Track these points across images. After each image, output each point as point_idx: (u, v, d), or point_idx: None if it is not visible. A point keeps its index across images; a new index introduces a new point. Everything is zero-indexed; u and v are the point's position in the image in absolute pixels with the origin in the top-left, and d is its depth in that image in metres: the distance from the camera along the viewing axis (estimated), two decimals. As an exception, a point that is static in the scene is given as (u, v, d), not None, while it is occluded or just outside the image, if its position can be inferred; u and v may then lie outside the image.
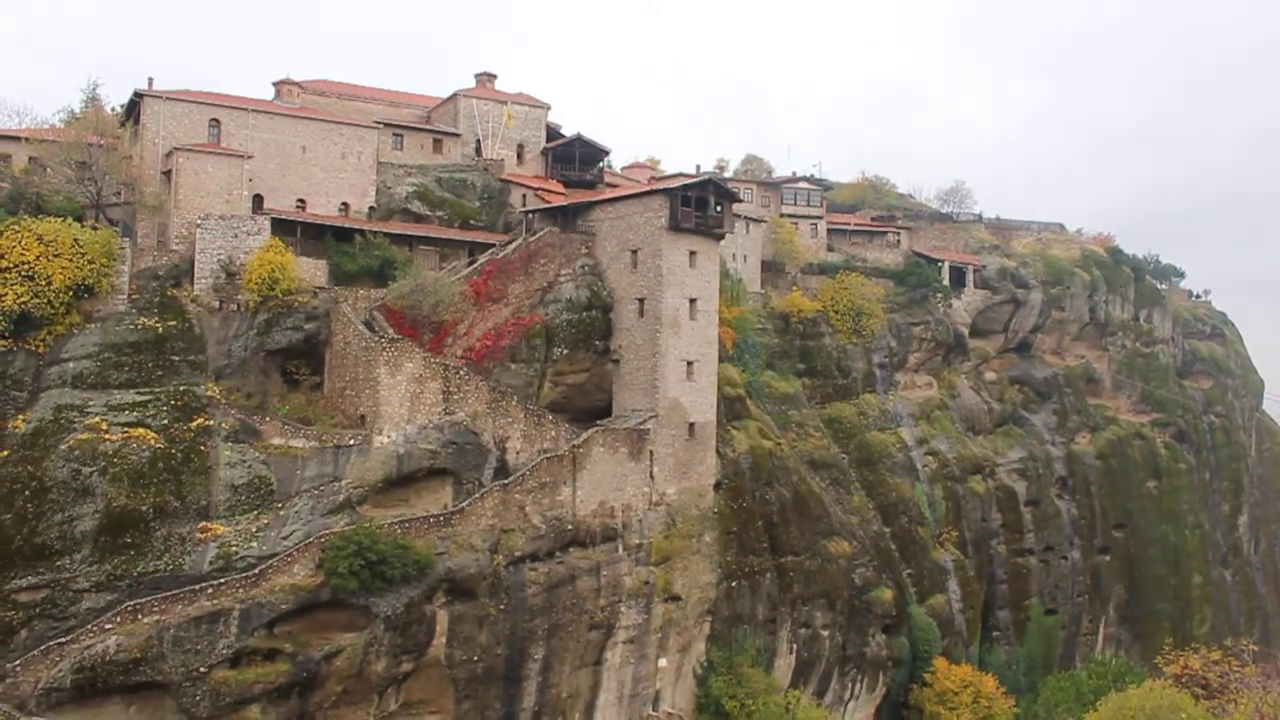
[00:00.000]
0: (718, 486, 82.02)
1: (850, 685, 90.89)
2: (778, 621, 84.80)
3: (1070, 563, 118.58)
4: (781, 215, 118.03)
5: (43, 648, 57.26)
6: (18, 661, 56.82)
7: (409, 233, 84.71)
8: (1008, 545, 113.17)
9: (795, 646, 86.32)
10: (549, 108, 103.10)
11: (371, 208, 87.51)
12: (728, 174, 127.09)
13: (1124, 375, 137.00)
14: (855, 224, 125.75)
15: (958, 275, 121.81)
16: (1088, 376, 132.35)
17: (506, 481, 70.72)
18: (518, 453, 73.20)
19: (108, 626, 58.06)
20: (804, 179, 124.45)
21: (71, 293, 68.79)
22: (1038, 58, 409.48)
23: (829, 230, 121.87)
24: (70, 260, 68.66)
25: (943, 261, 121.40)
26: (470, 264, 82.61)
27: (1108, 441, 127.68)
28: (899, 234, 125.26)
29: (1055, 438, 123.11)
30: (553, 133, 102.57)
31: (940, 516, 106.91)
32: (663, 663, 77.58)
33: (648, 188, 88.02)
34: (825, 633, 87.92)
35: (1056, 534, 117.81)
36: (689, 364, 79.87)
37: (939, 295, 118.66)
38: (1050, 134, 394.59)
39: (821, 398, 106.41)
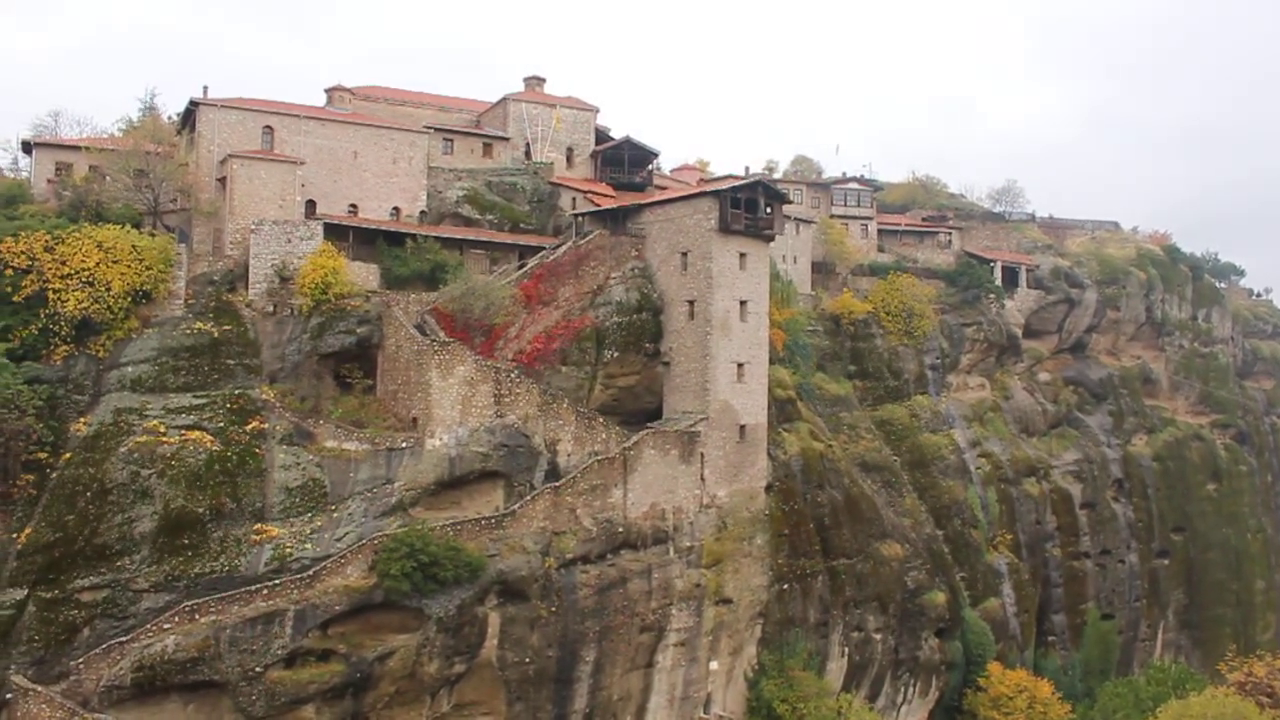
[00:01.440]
0: (769, 489, 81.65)
1: (903, 689, 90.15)
2: (829, 625, 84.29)
3: (1127, 566, 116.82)
4: (831, 216, 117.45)
5: (104, 646, 58.38)
6: (81, 659, 58.03)
7: (459, 236, 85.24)
8: (1063, 548, 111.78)
9: (847, 650, 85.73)
10: (598, 111, 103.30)
11: (422, 212, 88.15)
12: (777, 175, 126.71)
13: (1182, 375, 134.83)
14: (906, 224, 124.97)
15: (1010, 275, 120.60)
16: (1144, 377, 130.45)
17: (558, 484, 70.85)
18: (569, 455, 73.33)
19: (166, 626, 58.99)
20: (854, 179, 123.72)
21: (130, 298, 70.03)
22: (1095, 55, 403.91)
23: (879, 231, 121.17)
24: (129, 266, 69.89)
25: (995, 262, 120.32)
26: (520, 267, 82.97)
27: (1165, 443, 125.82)
28: (950, 234, 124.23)
29: (1111, 439, 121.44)
30: (602, 136, 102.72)
31: (994, 519, 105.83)
32: (714, 666, 77.35)
33: (697, 190, 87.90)
34: (878, 636, 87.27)
35: (1113, 537, 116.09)
36: (740, 366, 79.62)
37: (991, 296, 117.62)
38: (1106, 133, 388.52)
39: (873, 399, 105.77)
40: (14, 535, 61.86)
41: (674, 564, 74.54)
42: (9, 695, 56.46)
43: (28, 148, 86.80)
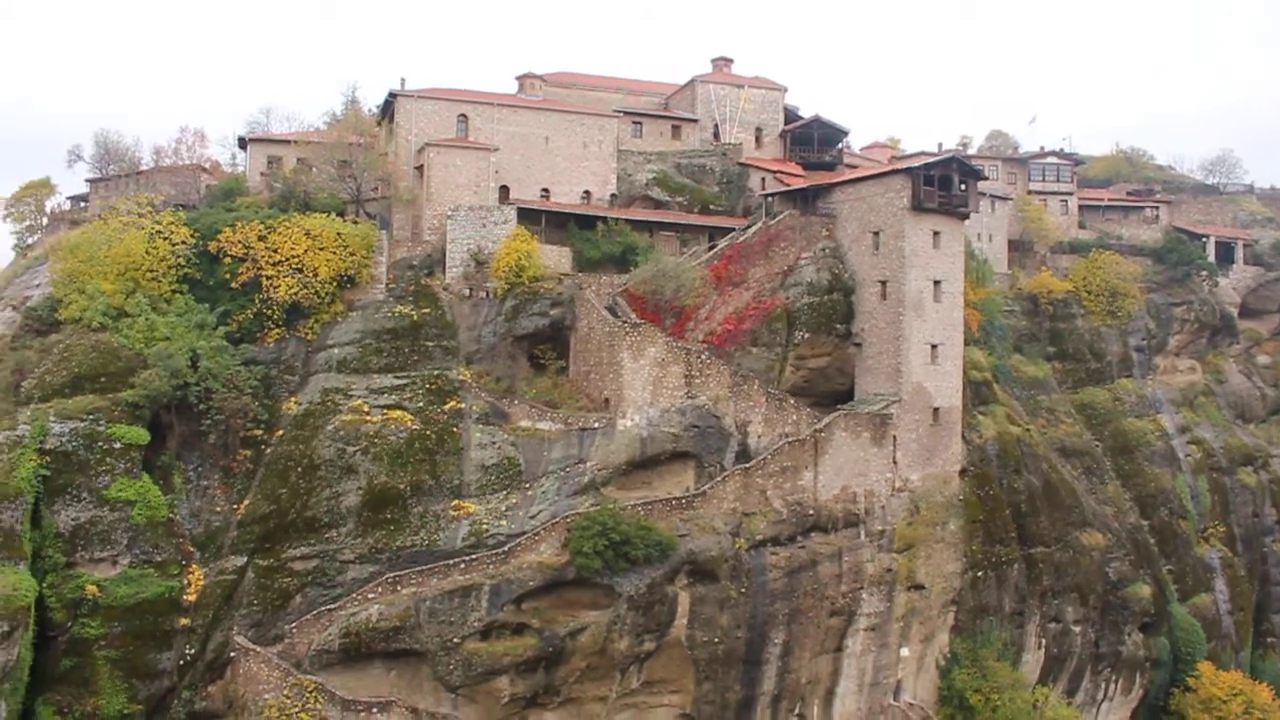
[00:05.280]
0: (963, 473, 79.54)
1: (1104, 685, 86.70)
2: (1025, 614, 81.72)
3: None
4: (1029, 192, 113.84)
5: (314, 613, 61.81)
6: (294, 624, 61.54)
7: (649, 219, 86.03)
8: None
9: (1044, 641, 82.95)
10: (786, 90, 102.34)
11: (613, 195, 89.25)
12: (971, 151, 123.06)
13: None
14: (1109, 199, 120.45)
15: (1225, 251, 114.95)
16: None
17: (748, 465, 70.80)
18: (759, 436, 73.13)
19: (370, 596, 61.91)
20: (1052, 153, 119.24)
21: (335, 283, 73.44)
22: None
23: (1080, 206, 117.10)
24: (334, 253, 73.21)
25: (1207, 237, 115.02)
26: (710, 248, 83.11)
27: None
28: (1158, 208, 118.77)
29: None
30: (790, 115, 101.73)
31: (1205, 510, 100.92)
32: (905, 652, 76.03)
33: (889, 168, 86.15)
34: (1077, 628, 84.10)
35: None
36: (933, 347, 77.78)
37: (1203, 273, 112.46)
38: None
39: (1073, 382, 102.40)
40: (235, 506, 66.07)
41: (865, 548, 73.53)
42: (232, 654, 60.28)
43: (243, 143, 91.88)
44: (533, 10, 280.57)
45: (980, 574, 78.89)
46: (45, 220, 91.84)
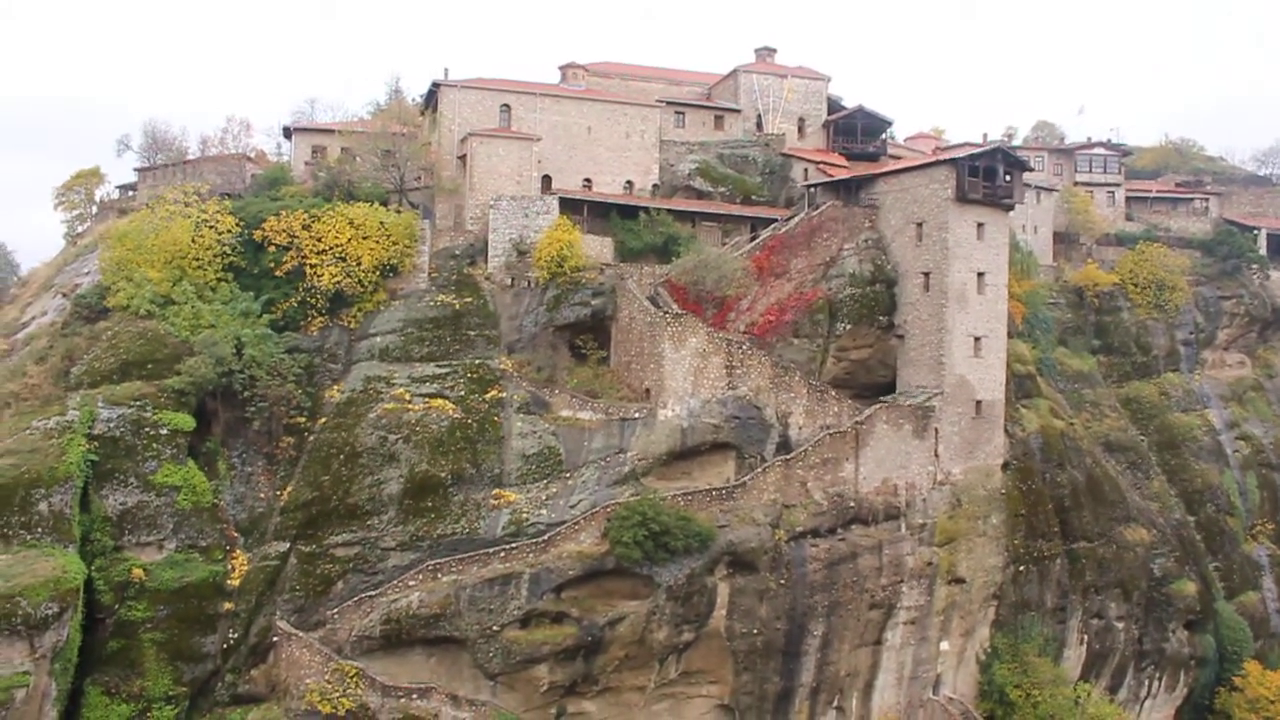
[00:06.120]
0: (1006, 467, 78.91)
1: (1147, 683, 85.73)
2: (1068, 610, 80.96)
3: None
4: (1075, 184, 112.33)
5: (355, 599, 62.46)
6: (335, 610, 62.19)
7: (691, 209, 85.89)
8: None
9: (1086, 638, 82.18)
10: (829, 80, 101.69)
11: (655, 185, 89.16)
12: (1016, 141, 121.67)
13: None
14: (1157, 191, 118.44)
15: (1276, 244, 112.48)
16: None
17: (789, 457, 70.58)
18: (800, 428, 72.86)
19: (411, 583, 62.48)
20: (1099, 144, 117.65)
21: (378, 272, 74.02)
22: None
23: (1127, 198, 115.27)
24: (377, 242, 73.77)
25: (1259, 229, 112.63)
26: (752, 239, 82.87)
27: None
28: (1207, 200, 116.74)
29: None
30: (833, 105, 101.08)
31: (1253, 507, 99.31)
32: (945, 646, 75.62)
33: (932, 158, 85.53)
34: (1120, 625, 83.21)
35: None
36: (976, 340, 77.17)
37: (1254, 266, 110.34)
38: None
39: (1118, 376, 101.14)
40: (278, 493, 66.77)
41: (905, 541, 73.17)
42: (274, 638, 60.97)
43: (288, 133, 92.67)
44: (573, 1, 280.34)
45: (1022, 569, 78.23)
46: (95, 209, 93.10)
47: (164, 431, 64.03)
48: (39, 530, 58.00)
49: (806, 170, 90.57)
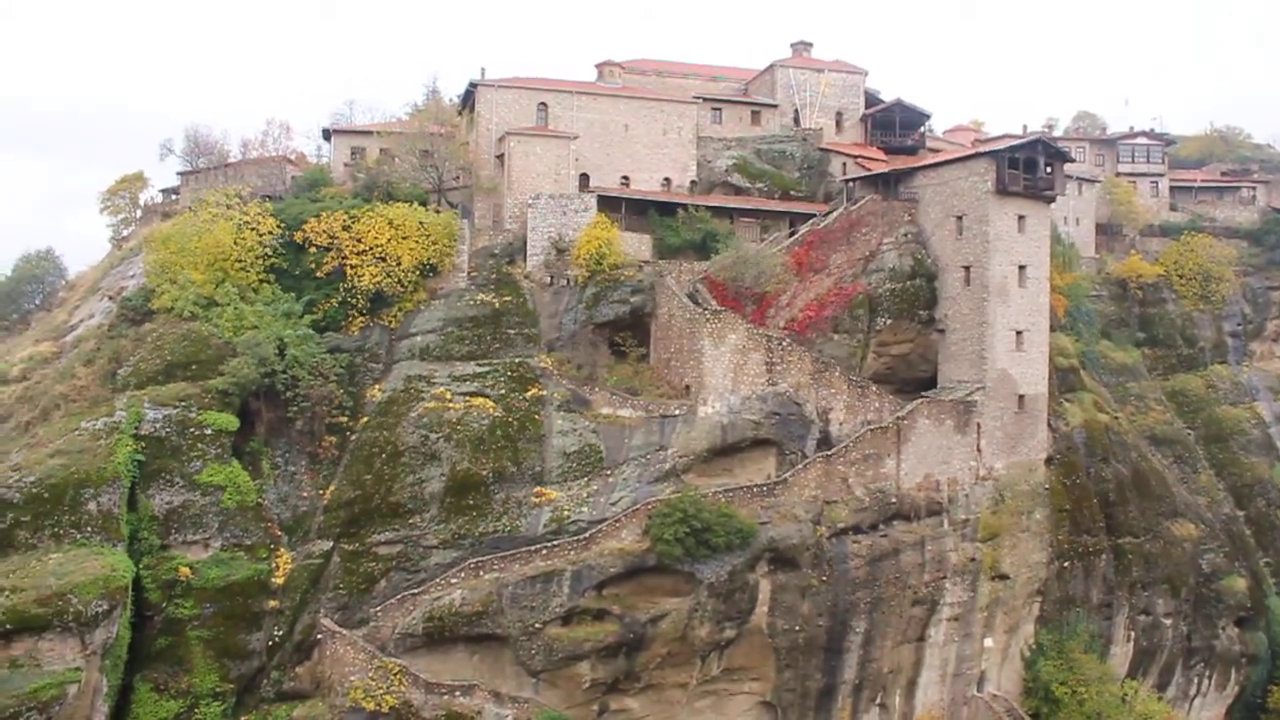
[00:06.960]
0: (1049, 462, 78.16)
1: (1196, 680, 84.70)
2: (1114, 606, 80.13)
3: None
4: (1117, 174, 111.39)
5: (398, 597, 62.74)
6: (378, 608, 62.56)
7: (729, 205, 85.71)
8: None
9: (1133, 634, 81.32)
10: (866, 74, 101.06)
11: (693, 182, 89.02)
12: (1057, 132, 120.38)
13: None
14: (1202, 180, 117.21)
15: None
16: None
17: (829, 453, 70.32)
18: (841, 424, 72.59)
19: (454, 581, 62.68)
20: (1142, 134, 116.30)
21: (418, 272, 74.33)
22: None
23: (1171, 188, 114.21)
24: (417, 242, 74.06)
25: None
26: (791, 234, 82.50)
27: None
28: (1254, 189, 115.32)
29: None
30: (871, 99, 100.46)
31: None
32: (989, 643, 74.99)
33: (972, 151, 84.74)
34: (1168, 621, 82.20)
35: None
36: (1018, 333, 76.48)
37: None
38: None
39: (1164, 369, 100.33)
40: (320, 492, 67.22)
41: (948, 537, 72.66)
42: (319, 635, 61.48)
43: (327, 135, 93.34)
44: (573, 2, 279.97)
45: (1067, 564, 77.48)
46: (139, 213, 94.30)
47: (208, 432, 64.64)
48: (88, 529, 58.68)
49: (845, 165, 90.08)
